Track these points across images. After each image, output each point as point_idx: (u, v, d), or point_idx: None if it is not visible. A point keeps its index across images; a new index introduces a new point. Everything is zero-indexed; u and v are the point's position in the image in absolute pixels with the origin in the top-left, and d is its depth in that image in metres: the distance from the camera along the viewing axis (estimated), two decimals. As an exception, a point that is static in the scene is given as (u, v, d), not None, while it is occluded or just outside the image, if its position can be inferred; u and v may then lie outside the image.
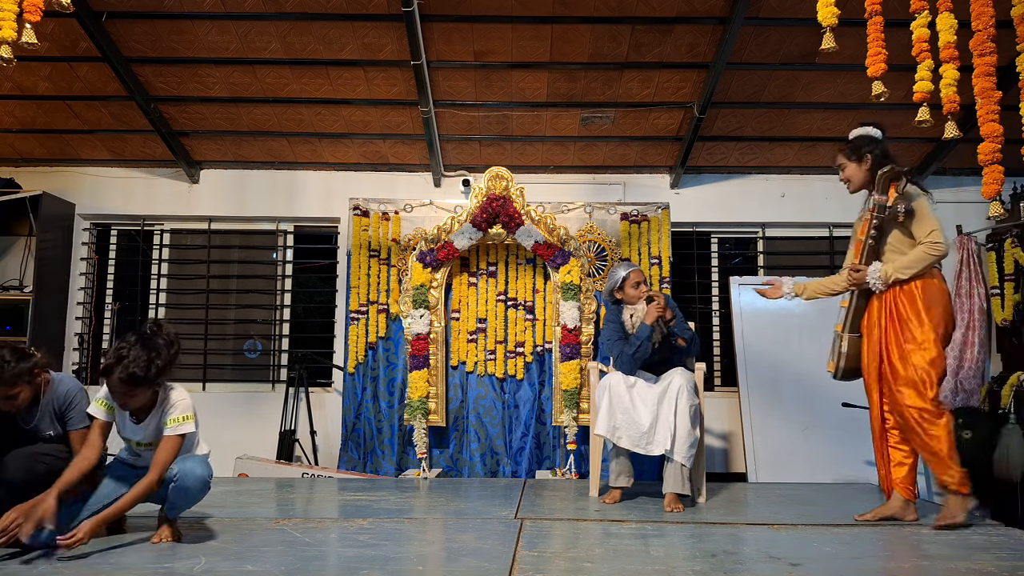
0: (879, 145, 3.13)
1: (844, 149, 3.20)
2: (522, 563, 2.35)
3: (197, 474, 2.53)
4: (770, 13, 4.47)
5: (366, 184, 5.65)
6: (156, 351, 2.46)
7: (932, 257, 2.91)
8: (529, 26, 4.60)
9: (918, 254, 2.93)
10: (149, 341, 2.48)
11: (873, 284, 3.02)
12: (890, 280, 2.98)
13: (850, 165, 3.18)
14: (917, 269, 2.93)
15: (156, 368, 2.45)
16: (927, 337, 2.90)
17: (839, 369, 3.20)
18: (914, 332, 2.93)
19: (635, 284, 3.75)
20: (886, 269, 2.99)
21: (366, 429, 4.98)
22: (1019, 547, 2.63)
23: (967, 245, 5.46)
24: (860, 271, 3.05)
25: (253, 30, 4.65)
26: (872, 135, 3.16)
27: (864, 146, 3.13)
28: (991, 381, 5.20)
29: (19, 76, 4.93)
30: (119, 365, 2.41)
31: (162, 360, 2.47)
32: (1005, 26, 2.93)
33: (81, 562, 2.32)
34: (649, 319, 3.59)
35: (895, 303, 2.99)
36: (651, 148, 5.56)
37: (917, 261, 2.93)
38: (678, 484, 3.39)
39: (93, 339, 5.64)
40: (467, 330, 5.05)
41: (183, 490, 2.53)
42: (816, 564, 2.42)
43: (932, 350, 2.90)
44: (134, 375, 2.41)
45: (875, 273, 3.01)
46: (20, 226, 5.42)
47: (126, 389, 2.44)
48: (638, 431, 3.45)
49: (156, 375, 2.46)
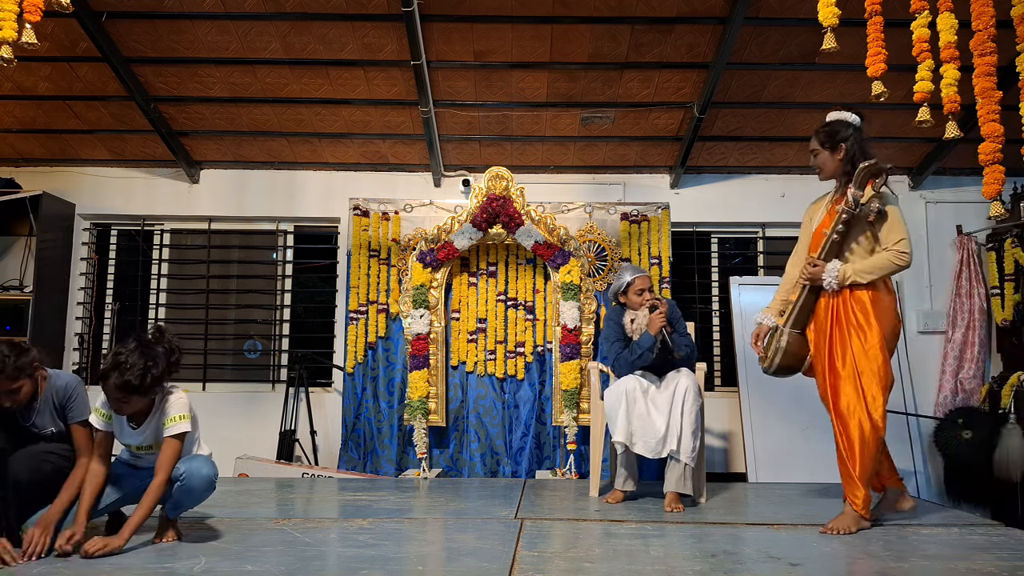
0: (856, 133, 2.96)
1: (819, 134, 3.01)
2: (522, 563, 2.35)
3: (203, 473, 2.53)
4: (770, 13, 4.47)
5: (366, 184, 5.65)
6: (154, 359, 2.45)
7: (895, 267, 2.83)
8: (529, 26, 4.60)
9: (882, 260, 2.84)
10: (148, 349, 2.46)
11: (828, 283, 2.88)
12: (847, 282, 2.87)
13: (823, 152, 3.00)
14: (877, 276, 2.85)
15: (152, 377, 2.44)
16: (873, 344, 2.83)
17: (773, 364, 3.05)
18: (861, 338, 2.84)
19: (639, 291, 3.75)
20: (845, 270, 2.87)
21: (366, 429, 4.98)
22: (1019, 547, 2.63)
23: (967, 245, 5.46)
24: (818, 266, 2.91)
25: (253, 30, 4.65)
26: (849, 120, 2.98)
27: (840, 133, 2.96)
28: (991, 381, 5.20)
29: (19, 76, 4.93)
30: (115, 371, 2.40)
31: (159, 369, 2.46)
32: (1005, 26, 2.93)
33: (82, 562, 2.33)
34: (654, 329, 3.58)
35: (843, 308, 2.88)
36: (651, 148, 5.56)
37: (879, 267, 2.84)
38: (680, 484, 3.40)
39: (93, 339, 5.64)
40: (467, 330, 5.05)
41: (189, 490, 2.53)
42: (816, 564, 2.42)
43: (878, 358, 2.82)
44: (129, 383, 2.40)
45: (833, 271, 2.87)
46: (20, 226, 5.42)
47: (121, 395, 2.43)
48: (655, 437, 3.44)
49: (152, 384, 2.45)
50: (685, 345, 3.69)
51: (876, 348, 2.83)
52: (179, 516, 2.65)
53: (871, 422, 2.80)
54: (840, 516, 2.86)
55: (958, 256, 5.48)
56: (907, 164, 5.64)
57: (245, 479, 4.48)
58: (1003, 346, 5.34)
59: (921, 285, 5.56)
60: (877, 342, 2.83)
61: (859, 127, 3.00)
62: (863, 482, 2.81)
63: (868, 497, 2.83)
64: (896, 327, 2.94)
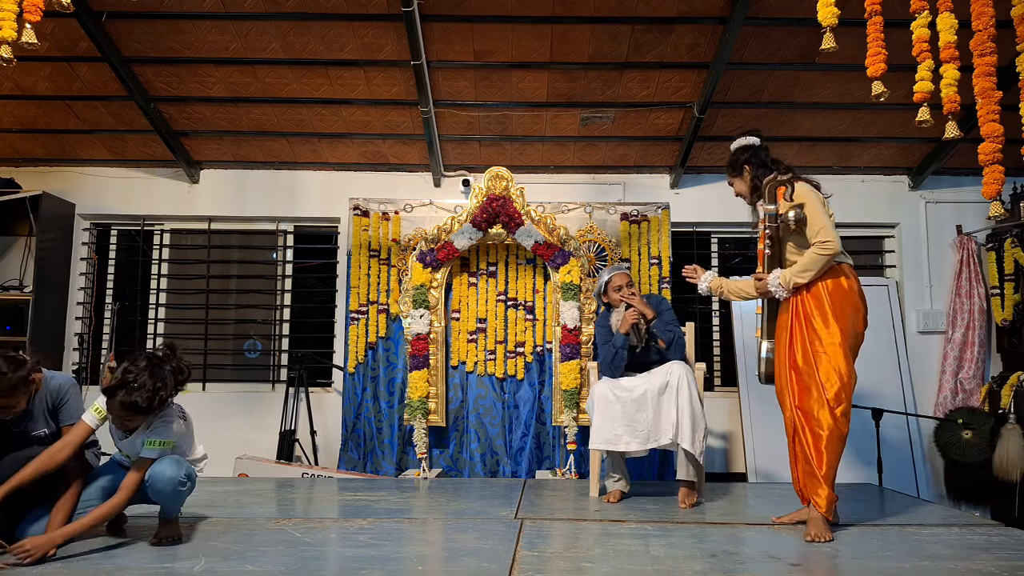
0: (756, 153, 3.11)
1: (727, 168, 3.22)
2: (522, 563, 2.35)
3: (166, 476, 2.49)
4: (770, 13, 4.47)
5: (366, 184, 5.65)
6: (163, 381, 2.44)
7: (824, 257, 2.86)
8: (529, 26, 4.60)
9: (810, 256, 2.90)
10: (158, 368, 2.45)
11: (776, 292, 2.99)
12: (791, 286, 2.95)
13: (735, 181, 3.20)
14: (814, 271, 2.89)
15: (159, 400, 2.44)
16: (833, 340, 2.84)
17: (762, 374, 3.17)
18: (820, 334, 2.87)
19: (616, 288, 3.77)
20: (784, 275, 2.96)
21: (366, 429, 4.98)
22: (1019, 547, 2.63)
23: (967, 245, 5.47)
24: (762, 280, 3.05)
25: (253, 30, 4.65)
26: (746, 144, 3.17)
27: (740, 158, 3.14)
28: (991, 381, 5.20)
29: (19, 76, 4.93)
30: (123, 390, 2.38)
31: (166, 392, 2.46)
32: (1005, 26, 2.93)
33: (82, 562, 2.33)
34: (623, 328, 3.60)
35: (802, 305, 2.94)
36: (651, 148, 5.56)
37: (811, 263, 2.89)
38: (690, 472, 3.40)
39: (93, 339, 5.64)
40: (467, 330, 5.05)
41: (156, 493, 2.51)
42: (816, 564, 2.43)
43: (838, 354, 2.82)
44: (136, 404, 2.39)
45: (775, 281, 2.99)
46: (20, 226, 5.42)
47: (124, 413, 2.43)
48: (644, 429, 3.45)
49: (158, 406, 2.46)
50: (669, 331, 3.69)
51: (836, 345, 2.83)
52: (175, 516, 2.64)
53: (834, 420, 2.78)
54: (811, 522, 2.77)
55: (958, 256, 5.48)
56: (907, 164, 5.65)
57: (245, 479, 4.48)
58: (1003, 346, 5.35)
59: (921, 285, 5.56)
60: (837, 340, 2.84)
61: (758, 146, 3.16)
62: (828, 481, 2.76)
63: (833, 497, 2.77)
64: (857, 318, 2.92)
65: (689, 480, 3.43)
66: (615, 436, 3.47)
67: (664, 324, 3.72)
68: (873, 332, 3.23)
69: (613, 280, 3.81)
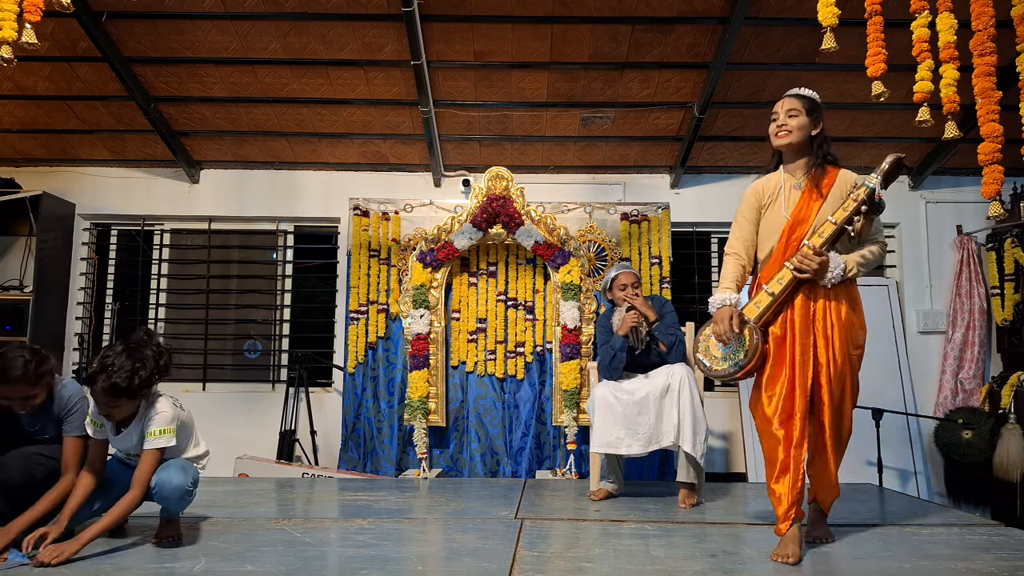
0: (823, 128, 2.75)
1: (804, 99, 2.70)
2: (522, 563, 2.35)
3: (174, 484, 2.48)
4: (770, 13, 4.47)
5: (366, 184, 5.65)
6: (141, 362, 2.41)
7: (881, 259, 2.74)
8: (529, 26, 4.60)
9: (877, 252, 2.69)
10: (136, 351, 2.42)
11: (829, 278, 2.55)
12: (849, 275, 2.60)
13: (803, 117, 2.68)
14: (869, 268, 2.68)
15: (140, 379, 2.39)
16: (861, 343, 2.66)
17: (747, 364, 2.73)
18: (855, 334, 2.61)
19: (622, 286, 3.76)
20: (847, 261, 2.59)
21: (366, 429, 4.98)
22: (1019, 547, 2.63)
23: (967, 245, 5.47)
24: (823, 256, 2.54)
25: (253, 30, 4.65)
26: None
27: (820, 110, 2.72)
28: (991, 381, 5.20)
29: (19, 76, 4.93)
30: (103, 374, 2.36)
31: (147, 371, 2.41)
32: (1005, 26, 2.93)
33: (82, 562, 2.32)
34: (622, 330, 3.59)
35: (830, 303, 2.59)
36: (651, 148, 5.56)
37: (875, 259, 2.68)
38: (691, 474, 3.40)
39: (93, 339, 5.64)
40: (467, 330, 5.05)
41: (163, 499, 2.52)
42: (816, 564, 2.42)
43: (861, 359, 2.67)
44: (116, 385, 2.36)
45: (839, 266, 2.56)
46: (20, 226, 5.42)
47: (108, 399, 2.40)
48: (646, 431, 3.45)
49: (139, 387, 2.41)
50: (670, 335, 3.69)
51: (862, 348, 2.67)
52: (177, 516, 2.65)
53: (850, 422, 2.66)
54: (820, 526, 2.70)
55: (958, 256, 5.48)
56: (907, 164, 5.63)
57: (245, 479, 4.48)
58: (1003, 346, 5.35)
59: (921, 285, 5.56)
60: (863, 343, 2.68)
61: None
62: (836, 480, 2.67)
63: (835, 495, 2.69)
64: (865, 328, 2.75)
65: (689, 482, 3.43)
66: (616, 439, 3.47)
67: (666, 327, 3.71)
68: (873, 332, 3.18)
69: (619, 278, 3.79)
